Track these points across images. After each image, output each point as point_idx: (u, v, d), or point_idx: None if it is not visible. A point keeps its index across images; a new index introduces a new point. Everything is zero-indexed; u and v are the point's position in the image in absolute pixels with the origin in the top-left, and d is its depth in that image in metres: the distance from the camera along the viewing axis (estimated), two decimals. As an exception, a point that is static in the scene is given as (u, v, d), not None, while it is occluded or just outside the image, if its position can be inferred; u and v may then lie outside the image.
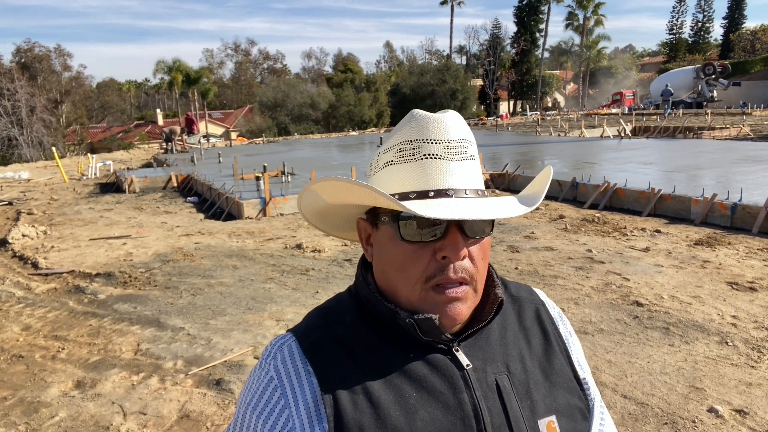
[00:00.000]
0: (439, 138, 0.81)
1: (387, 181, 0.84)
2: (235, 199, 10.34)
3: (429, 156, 0.81)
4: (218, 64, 68.89)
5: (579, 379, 0.91)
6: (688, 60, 57.28)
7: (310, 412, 0.78)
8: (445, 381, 0.80)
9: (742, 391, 3.51)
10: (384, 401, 0.78)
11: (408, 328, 0.81)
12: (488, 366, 0.84)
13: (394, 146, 0.84)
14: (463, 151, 0.82)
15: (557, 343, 0.93)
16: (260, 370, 0.85)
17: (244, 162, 15.97)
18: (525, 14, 55.71)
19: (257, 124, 43.37)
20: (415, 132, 0.83)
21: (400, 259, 0.81)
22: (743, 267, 5.94)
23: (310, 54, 75.01)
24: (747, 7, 63.78)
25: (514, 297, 0.95)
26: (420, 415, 0.77)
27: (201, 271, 6.68)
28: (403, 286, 0.82)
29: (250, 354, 4.39)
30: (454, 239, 0.79)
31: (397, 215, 0.80)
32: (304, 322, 0.90)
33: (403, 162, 0.82)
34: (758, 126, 21.27)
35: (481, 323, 0.85)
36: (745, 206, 7.67)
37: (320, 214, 0.96)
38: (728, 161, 12.81)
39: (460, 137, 0.83)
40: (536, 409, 0.83)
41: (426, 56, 67.04)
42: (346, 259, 6.90)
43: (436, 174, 0.80)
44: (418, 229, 0.79)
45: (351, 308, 0.89)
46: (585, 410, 0.89)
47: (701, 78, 36.03)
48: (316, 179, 0.85)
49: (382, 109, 46.75)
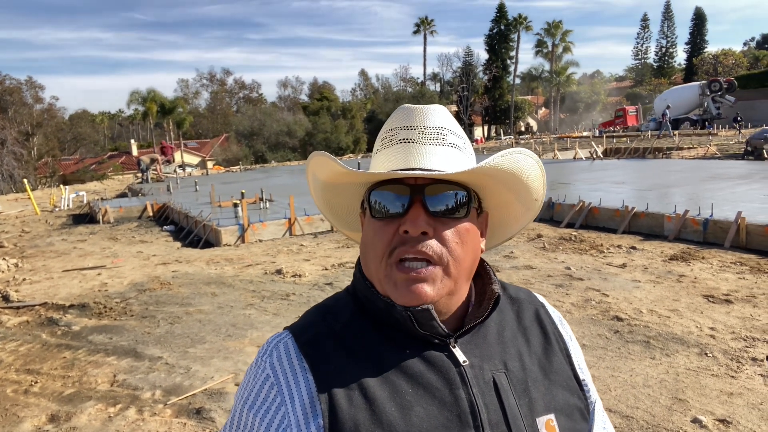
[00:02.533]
0: (415, 124, 0.85)
1: (373, 166, 0.89)
2: (213, 227, 10.23)
3: (404, 140, 0.85)
4: (193, 94, 68.92)
5: (579, 379, 0.90)
6: (654, 84, 59.18)
7: (305, 409, 0.78)
8: (442, 377, 0.80)
9: (723, 401, 3.54)
10: (379, 397, 0.77)
11: (404, 320, 0.80)
12: (485, 363, 0.83)
13: (381, 136, 0.89)
14: (441, 137, 0.84)
15: (557, 342, 0.92)
16: (256, 368, 0.85)
17: (221, 190, 15.86)
18: (496, 42, 57.14)
19: (234, 153, 43.30)
20: (396, 121, 0.87)
21: (370, 236, 0.84)
22: (718, 280, 6.05)
23: (285, 83, 75.41)
24: (708, 32, 66.53)
25: (513, 298, 0.95)
26: (415, 411, 0.77)
27: (179, 299, 6.56)
28: (373, 265, 0.83)
29: (231, 381, 4.29)
30: (415, 213, 0.79)
31: (368, 195, 0.84)
32: (302, 320, 0.90)
33: (384, 148, 0.87)
34: (724, 145, 21.96)
35: (478, 319, 0.85)
36: (716, 221, 7.86)
37: (326, 201, 0.99)
38: (697, 179, 13.16)
39: (439, 125, 0.85)
40: (534, 407, 0.82)
41: (401, 83, 68.01)
42: (327, 283, 6.85)
43: (407, 155, 0.84)
44: (385, 205, 0.82)
45: (348, 305, 0.89)
46: (584, 410, 0.88)
47: (707, 95, 34.57)
48: (316, 154, 0.89)
49: (358, 135, 47.12)
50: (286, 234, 10.41)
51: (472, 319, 0.85)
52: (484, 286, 0.90)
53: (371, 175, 0.83)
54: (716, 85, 34.41)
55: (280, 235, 10.36)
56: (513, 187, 0.89)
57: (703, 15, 66.67)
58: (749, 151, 17.28)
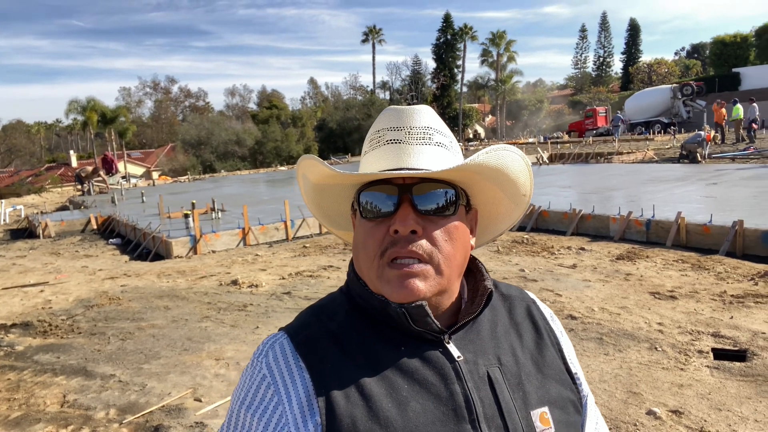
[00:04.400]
0: (402, 125, 0.87)
1: (362, 167, 0.90)
2: (163, 238, 9.93)
3: (390, 141, 0.86)
4: (136, 103, 66.82)
5: (571, 373, 0.92)
6: (593, 92, 61.57)
7: (302, 407, 0.78)
8: (437, 373, 0.81)
9: (675, 392, 3.71)
10: (376, 394, 0.78)
11: (399, 317, 0.81)
12: (479, 358, 0.84)
13: (368, 138, 0.90)
14: (428, 137, 0.86)
15: (549, 337, 0.94)
16: (252, 368, 0.85)
17: (169, 200, 15.42)
18: (443, 51, 58.21)
19: (180, 163, 42.14)
20: (384, 122, 0.89)
21: (362, 237, 0.85)
22: (662, 277, 6.35)
23: (233, 91, 74.31)
24: (642, 42, 69.87)
25: (504, 295, 0.96)
26: (412, 407, 0.77)
27: (129, 314, 6.32)
28: (366, 265, 0.84)
29: (190, 396, 4.17)
30: (403, 213, 0.81)
31: (358, 196, 0.86)
32: (296, 320, 0.90)
33: (372, 149, 0.89)
34: (661, 150, 23.06)
35: (471, 315, 0.87)
36: (658, 222, 8.25)
37: (317, 204, 1.00)
38: (638, 182, 13.77)
39: (425, 125, 0.87)
40: (529, 400, 0.83)
41: (350, 92, 68.31)
42: (285, 293, 6.76)
43: (393, 156, 0.85)
44: (374, 206, 0.83)
45: (343, 305, 0.89)
46: (577, 403, 0.90)
47: (678, 98, 33.95)
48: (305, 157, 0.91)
49: (309, 144, 46.83)
50: (240, 244, 10.22)
51: (465, 315, 0.87)
52: (476, 283, 0.92)
53: (359, 177, 0.84)
54: (688, 89, 33.94)
55: (233, 246, 10.16)
56: (500, 184, 0.91)
57: (638, 26, 69.99)
58: (684, 154, 18.19)
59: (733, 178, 12.95)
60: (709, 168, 15.79)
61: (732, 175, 13.70)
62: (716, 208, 8.62)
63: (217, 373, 4.56)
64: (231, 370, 4.61)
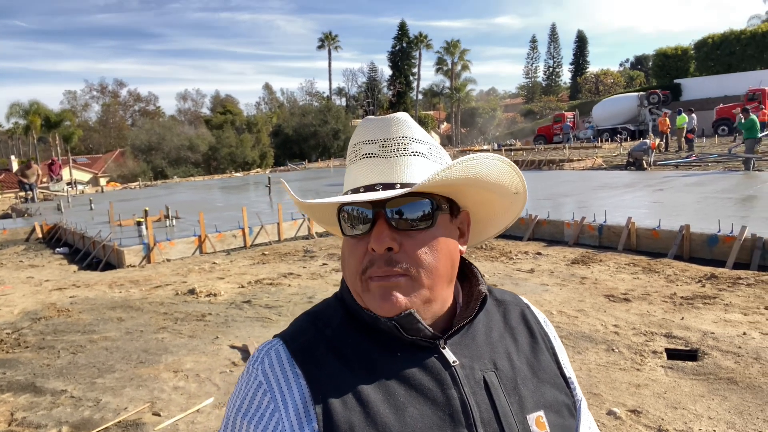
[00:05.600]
0: (375, 138, 0.86)
1: (345, 182, 0.91)
2: (114, 247, 9.57)
3: (365, 156, 0.86)
4: (83, 107, 64.49)
5: (565, 377, 0.93)
6: (544, 101, 63.42)
7: (299, 414, 0.78)
8: (433, 378, 0.81)
9: (633, 392, 3.83)
10: (373, 400, 0.78)
11: (390, 330, 0.81)
12: (475, 363, 0.84)
13: (348, 151, 0.91)
14: (402, 147, 0.85)
15: (543, 341, 0.94)
16: (248, 375, 0.84)
17: (120, 207, 14.91)
18: (398, 59, 58.75)
19: (130, 169, 40.84)
20: (359, 136, 0.88)
21: (346, 254, 0.86)
22: (616, 281, 6.56)
23: (185, 96, 72.68)
24: (589, 54, 72.47)
25: (498, 300, 0.97)
26: (409, 412, 0.78)
27: (80, 326, 6.06)
28: (350, 282, 0.85)
29: (148, 410, 4.03)
30: (378, 231, 0.80)
31: (338, 213, 0.86)
32: (292, 327, 0.90)
33: (351, 164, 0.89)
34: (608, 157, 23.91)
35: (466, 320, 0.87)
36: (610, 227, 8.54)
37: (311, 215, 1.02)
38: (589, 188, 14.22)
39: (401, 135, 0.85)
40: (524, 404, 0.84)
41: (306, 98, 67.81)
42: (245, 301, 6.63)
43: (368, 171, 0.85)
44: (351, 224, 0.84)
45: (338, 311, 0.89)
46: (572, 407, 0.90)
47: (645, 106, 34.41)
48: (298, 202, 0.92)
49: (265, 150, 46.27)
50: (197, 252, 9.97)
51: (460, 320, 0.87)
52: (471, 288, 0.92)
53: (323, 204, 0.87)
54: (654, 97, 34.36)
55: (189, 254, 9.90)
56: (483, 188, 0.90)
57: (585, 38, 72.60)
58: (631, 162, 18.93)
59: (678, 185, 13.55)
60: (655, 175, 16.47)
61: (677, 181, 14.33)
62: (664, 214, 8.99)
63: (176, 386, 4.42)
64: (191, 382, 4.48)
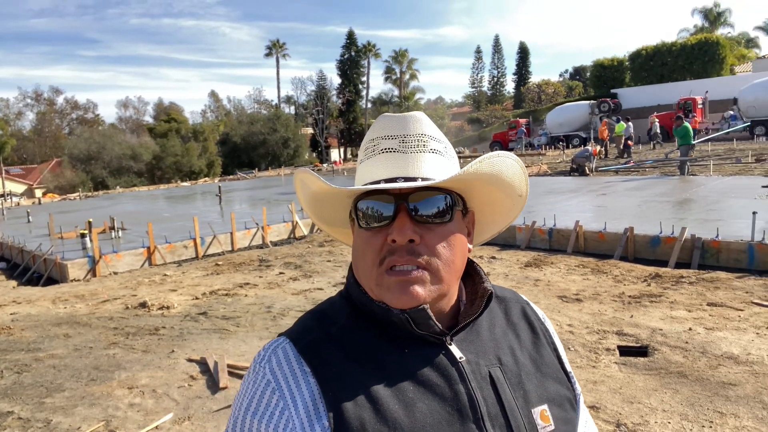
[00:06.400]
0: (395, 133, 0.88)
1: (359, 177, 0.91)
2: (57, 261, 9.14)
3: (385, 150, 0.87)
4: (16, 115, 61.13)
5: (566, 371, 0.96)
6: (490, 109, 64.95)
7: (309, 411, 0.78)
8: (440, 374, 0.83)
9: (590, 389, 3.97)
10: (383, 396, 0.79)
11: (402, 323, 0.82)
12: (481, 359, 0.87)
13: (363, 146, 0.92)
14: (422, 144, 0.88)
15: (544, 337, 0.97)
16: (255, 374, 0.83)
17: (61, 219, 14.25)
18: (347, 67, 58.80)
19: (68, 179, 39.10)
20: (378, 131, 0.90)
21: (361, 246, 0.85)
22: (567, 282, 6.79)
23: (126, 103, 70.10)
24: (531, 65, 74.83)
25: (499, 297, 0.99)
26: (418, 408, 0.79)
27: (23, 344, 5.75)
28: (365, 274, 0.85)
29: (104, 429, 3.86)
30: (400, 222, 0.82)
31: (355, 206, 0.87)
32: (297, 326, 0.90)
33: (367, 158, 0.89)
34: (553, 164, 24.73)
35: (471, 317, 0.89)
36: (559, 230, 8.83)
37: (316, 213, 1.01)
38: (537, 193, 14.66)
39: (420, 132, 0.88)
40: (529, 398, 0.86)
41: (255, 106, 66.96)
42: (201, 313, 6.46)
43: (388, 165, 0.86)
44: (371, 215, 0.84)
45: (344, 309, 0.89)
46: (573, 400, 0.93)
47: (596, 114, 35.27)
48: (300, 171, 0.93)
49: (212, 158, 45.33)
50: (146, 264, 9.64)
51: (465, 317, 0.89)
52: (475, 285, 0.95)
53: (355, 190, 0.85)
54: (605, 105, 35.47)
55: (138, 266, 9.56)
56: (498, 186, 0.94)
57: (527, 49, 74.83)
58: (574, 168, 19.64)
59: (619, 189, 14.16)
60: (597, 180, 17.15)
61: (618, 186, 14.97)
62: (608, 217, 9.37)
63: (131, 403, 4.26)
64: (147, 398, 4.33)
